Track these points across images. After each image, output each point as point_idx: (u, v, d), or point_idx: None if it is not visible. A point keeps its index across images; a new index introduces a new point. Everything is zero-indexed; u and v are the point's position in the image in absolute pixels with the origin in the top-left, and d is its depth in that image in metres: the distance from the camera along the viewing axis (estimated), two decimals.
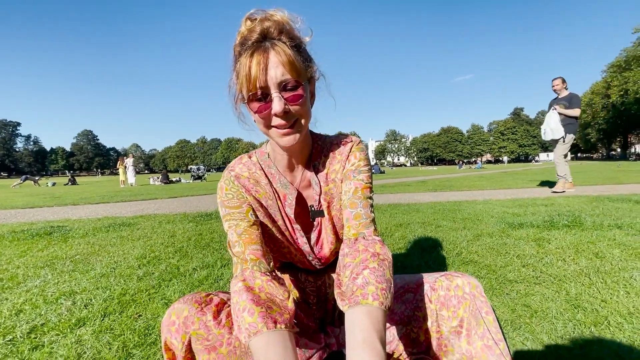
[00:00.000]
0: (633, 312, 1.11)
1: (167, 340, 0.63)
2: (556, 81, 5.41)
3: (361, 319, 0.53)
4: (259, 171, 0.77)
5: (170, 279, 1.63)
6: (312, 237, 0.80)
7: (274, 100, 0.61)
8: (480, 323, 0.71)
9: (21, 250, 2.34)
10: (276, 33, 0.61)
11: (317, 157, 0.78)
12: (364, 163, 0.77)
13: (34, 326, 1.18)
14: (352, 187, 0.74)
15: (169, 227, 3.12)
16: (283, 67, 0.60)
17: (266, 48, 0.60)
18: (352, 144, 0.78)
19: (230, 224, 0.72)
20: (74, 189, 12.71)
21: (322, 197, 0.77)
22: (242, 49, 0.62)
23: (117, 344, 1.03)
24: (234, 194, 0.74)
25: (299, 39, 0.66)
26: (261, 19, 0.62)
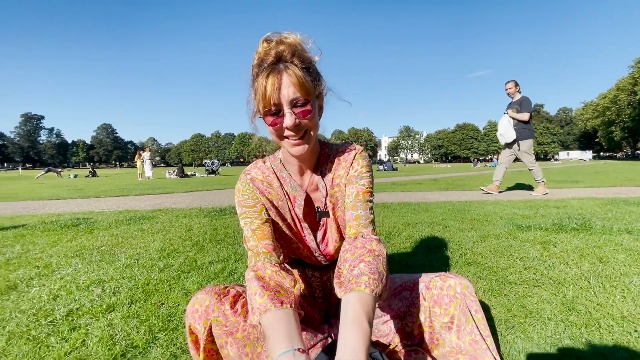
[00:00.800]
0: (626, 315, 1.15)
1: (191, 325, 0.73)
2: (509, 84, 5.35)
3: (353, 302, 0.62)
4: (272, 175, 0.87)
5: (189, 271, 1.75)
6: (318, 235, 0.90)
7: (286, 116, 0.70)
8: (469, 320, 0.79)
9: (52, 240, 2.53)
10: (289, 56, 0.70)
11: (324, 163, 0.87)
12: (366, 170, 0.85)
13: (70, 310, 1.32)
14: (354, 191, 0.83)
15: (185, 221, 3.27)
16: (294, 87, 0.69)
17: (280, 70, 0.69)
18: (355, 152, 0.87)
19: (245, 221, 0.82)
20: (94, 181, 13.21)
21: (328, 199, 0.87)
22: (259, 70, 0.71)
23: (143, 328, 1.16)
24: (249, 195, 0.84)
25: (309, 60, 0.75)
26: (277, 41, 0.71)
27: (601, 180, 7.97)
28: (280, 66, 0.69)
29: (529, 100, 5.13)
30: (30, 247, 2.33)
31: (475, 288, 1.43)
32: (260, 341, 0.74)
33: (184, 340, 1.07)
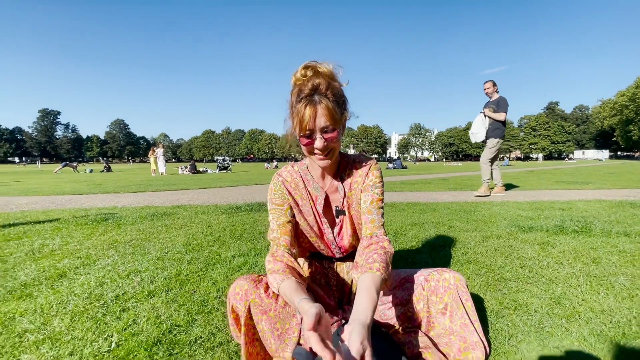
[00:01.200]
0: (606, 309, 1.30)
1: (233, 306, 0.92)
2: (487, 84, 5.37)
3: (367, 279, 0.82)
4: (298, 178, 1.07)
5: (214, 264, 1.95)
6: (335, 230, 1.08)
7: (317, 140, 0.89)
8: (460, 307, 0.96)
9: (86, 233, 2.77)
10: (324, 88, 0.87)
11: (343, 170, 1.07)
12: (379, 180, 1.05)
13: (117, 294, 1.53)
14: (369, 198, 1.03)
15: (204, 217, 3.49)
16: (325, 118, 0.87)
17: (315, 102, 0.86)
18: (371, 163, 1.07)
19: (273, 216, 1.03)
20: (110, 176, 13.67)
21: (345, 200, 1.06)
22: (298, 98, 0.88)
23: (183, 311, 1.35)
24: (279, 195, 1.04)
25: (338, 90, 0.92)
26: (314, 72, 0.88)
27: (613, 181, 7.92)
28: (316, 98, 0.86)
29: (505, 101, 5.17)
30: (69, 239, 2.57)
31: (472, 283, 1.59)
32: (288, 319, 0.92)
33: (219, 322, 1.26)
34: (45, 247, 2.34)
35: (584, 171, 13.93)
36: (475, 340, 0.93)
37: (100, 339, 1.15)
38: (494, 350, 1.05)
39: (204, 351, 1.08)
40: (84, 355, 1.06)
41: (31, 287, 1.63)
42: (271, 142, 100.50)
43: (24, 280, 1.70)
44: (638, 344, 1.07)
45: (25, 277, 1.75)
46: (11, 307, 1.40)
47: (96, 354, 1.06)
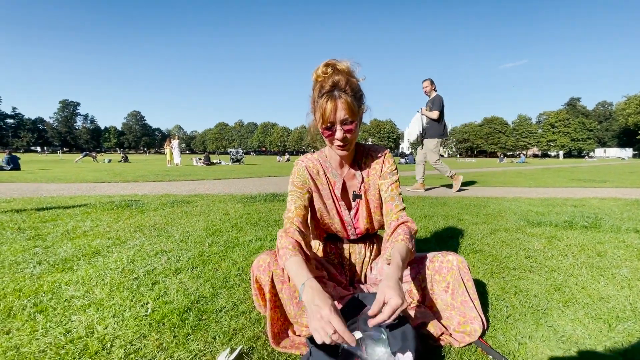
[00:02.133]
0: (604, 297, 1.37)
1: (257, 277, 1.04)
2: (425, 83, 5.36)
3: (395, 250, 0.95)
4: (319, 165, 1.19)
5: (233, 247, 2.09)
6: (351, 213, 1.18)
7: (337, 131, 1.00)
8: (461, 286, 1.06)
9: (113, 218, 2.96)
10: (343, 84, 0.97)
11: (360, 158, 1.19)
12: (394, 167, 1.18)
13: (148, 270, 1.68)
14: (390, 186, 1.15)
15: (221, 206, 3.65)
16: (345, 111, 0.97)
17: (335, 97, 0.96)
18: (385, 152, 1.20)
19: (292, 197, 1.14)
20: (128, 166, 14.12)
21: (362, 186, 1.17)
22: (320, 93, 0.99)
23: (208, 285, 1.49)
24: (301, 179, 1.16)
25: (356, 85, 1.02)
26: (334, 69, 0.98)
27: (632, 180, 7.73)
28: (336, 93, 0.96)
29: (440, 99, 5.18)
30: (98, 222, 2.77)
31: (477, 271, 1.67)
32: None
33: (241, 295, 1.40)
34: (78, 229, 2.53)
35: (603, 170, 13.56)
36: (474, 315, 1.03)
37: (138, 306, 1.30)
38: (492, 326, 1.14)
39: (229, 318, 1.21)
40: (125, 317, 1.20)
41: (71, 261, 1.80)
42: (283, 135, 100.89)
43: (64, 256, 1.88)
44: (629, 325, 1.14)
45: (65, 254, 1.93)
46: (57, 278, 1.57)
47: (135, 317, 1.21)
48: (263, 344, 1.04)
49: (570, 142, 73.99)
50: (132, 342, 1.05)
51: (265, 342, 1.05)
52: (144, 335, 1.09)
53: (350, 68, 1.00)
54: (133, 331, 1.11)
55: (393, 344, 0.85)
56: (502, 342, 1.05)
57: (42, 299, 1.35)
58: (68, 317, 1.20)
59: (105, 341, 1.05)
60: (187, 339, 1.07)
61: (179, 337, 1.08)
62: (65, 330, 1.11)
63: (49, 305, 1.29)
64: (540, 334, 1.09)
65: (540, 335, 1.08)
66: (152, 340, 1.06)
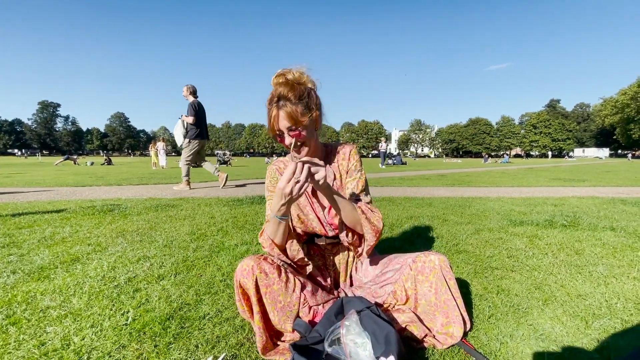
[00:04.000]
0: (581, 294, 1.41)
1: (240, 282, 1.02)
2: (184, 88, 5.69)
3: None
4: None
5: (219, 251, 2.06)
6: (325, 210, 1.19)
7: (285, 138, 1.05)
8: (444, 285, 1.07)
9: (94, 223, 2.88)
10: (288, 94, 1.03)
11: (329, 156, 1.23)
12: (359, 163, 1.23)
13: (129, 277, 1.64)
14: (354, 184, 1.18)
15: (207, 209, 3.60)
16: (287, 120, 1.02)
17: (279, 107, 1.03)
18: (350, 148, 1.24)
19: (269, 202, 1.17)
20: (112, 169, 13.75)
21: (335, 182, 1.20)
22: (270, 105, 1.05)
23: (191, 292, 1.46)
24: (274, 181, 1.20)
25: (303, 92, 1.06)
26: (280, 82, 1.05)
27: (609, 179, 8.03)
28: (280, 103, 1.03)
29: (190, 106, 5.53)
30: (78, 228, 2.68)
31: (461, 271, 1.70)
32: (289, 294, 1.03)
33: (225, 301, 1.38)
34: (57, 235, 2.44)
35: (582, 169, 14.04)
36: (457, 314, 1.05)
37: (118, 315, 1.26)
38: (475, 326, 1.16)
39: (212, 325, 1.19)
40: (104, 327, 1.17)
41: (48, 270, 1.73)
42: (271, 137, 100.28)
43: (40, 264, 1.81)
44: (605, 322, 1.18)
45: (41, 261, 1.86)
46: (32, 287, 1.51)
47: (115, 327, 1.17)
48: (247, 351, 1.03)
49: (551, 143, 76.32)
50: (111, 353, 1.01)
51: (249, 349, 1.04)
52: (123, 346, 1.06)
53: (298, 77, 1.06)
54: (112, 341, 1.08)
55: (376, 348, 0.85)
56: (484, 342, 1.07)
57: (16, 310, 1.29)
58: (43, 329, 1.16)
59: (82, 353, 1.01)
60: (168, 348, 1.05)
61: (160, 347, 1.05)
62: (39, 343, 1.07)
63: (22, 316, 1.24)
64: (520, 333, 1.11)
65: (520, 334, 1.11)
66: (132, 351, 1.03)
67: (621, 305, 1.31)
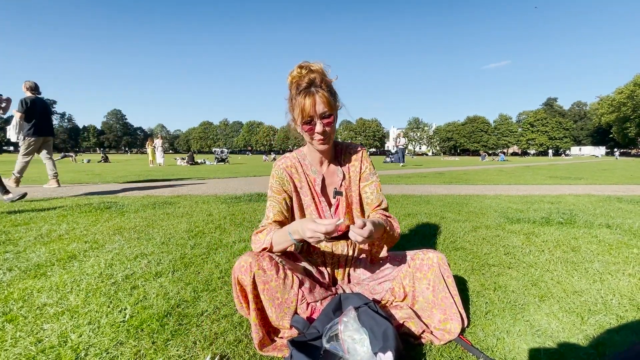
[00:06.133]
0: (577, 291, 1.42)
1: (238, 278, 1.02)
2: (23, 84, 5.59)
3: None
4: (297, 163, 1.20)
5: (216, 248, 2.06)
6: (332, 210, 1.19)
7: (317, 125, 1.03)
8: (442, 282, 1.07)
9: (91, 220, 2.86)
10: (319, 81, 1.02)
11: (339, 155, 1.22)
12: (372, 166, 1.23)
13: (127, 275, 1.63)
14: (373, 188, 1.19)
15: (205, 207, 3.59)
16: (323, 105, 1.01)
17: (313, 93, 1.00)
18: (362, 150, 1.23)
19: (270, 203, 1.16)
20: (108, 167, 13.68)
21: (343, 182, 1.18)
22: (297, 91, 1.02)
23: (189, 289, 1.46)
24: (280, 181, 1.17)
25: (330, 83, 1.06)
26: (308, 69, 1.02)
27: (605, 177, 8.08)
28: (313, 89, 1.00)
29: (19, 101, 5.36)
30: (75, 225, 2.67)
31: (458, 268, 1.71)
32: (287, 290, 1.03)
33: (223, 298, 1.37)
34: (53, 232, 2.43)
35: (579, 167, 14.12)
36: (454, 311, 1.05)
37: (115, 312, 1.26)
38: (472, 322, 1.17)
39: (210, 322, 1.19)
40: (102, 324, 1.16)
41: (44, 267, 1.73)
42: (269, 134, 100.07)
43: (36, 262, 1.80)
44: (600, 318, 1.19)
45: (38, 259, 1.85)
46: (28, 284, 1.50)
47: (112, 324, 1.17)
48: (245, 348, 1.03)
49: (548, 141, 76.59)
50: (108, 350, 1.01)
51: (247, 346, 1.04)
52: (121, 343, 1.05)
53: (323, 68, 1.04)
54: (109, 338, 1.07)
55: (374, 344, 0.85)
56: (481, 338, 1.07)
57: (12, 307, 1.29)
58: (40, 326, 1.15)
59: (79, 350, 1.01)
60: (166, 344, 1.05)
61: (158, 343, 1.05)
62: (36, 340, 1.06)
63: (19, 314, 1.23)
64: (517, 329, 1.12)
65: (517, 330, 1.11)
66: (130, 348, 1.03)
67: (616, 302, 1.32)
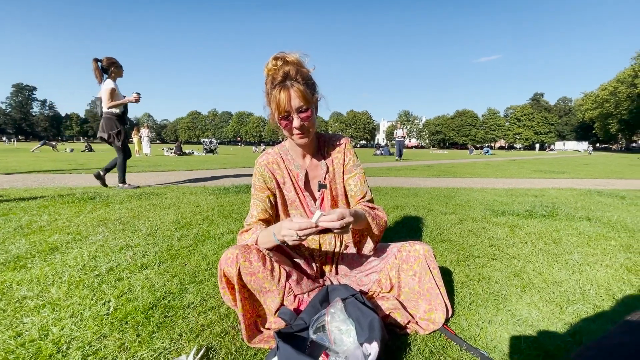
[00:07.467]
0: (557, 281, 1.47)
1: (224, 270, 1.01)
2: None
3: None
4: (279, 158, 1.18)
5: (204, 240, 2.04)
6: (317, 203, 1.18)
7: (294, 120, 1.00)
8: (427, 273, 1.09)
9: (74, 211, 2.79)
10: (294, 74, 0.98)
11: (322, 148, 1.19)
12: (356, 157, 1.21)
13: (111, 266, 1.60)
14: (357, 180, 1.17)
15: (192, 198, 3.54)
16: (299, 99, 0.97)
17: (288, 87, 0.97)
18: (345, 141, 1.21)
19: (254, 201, 1.15)
20: (93, 156, 13.31)
21: (327, 175, 1.16)
22: (272, 85, 0.99)
23: (175, 281, 1.45)
24: (262, 178, 1.15)
25: (307, 74, 1.02)
26: (283, 62, 0.99)
27: (586, 172, 8.33)
28: (288, 83, 0.97)
29: None
30: (57, 216, 2.59)
31: (444, 259, 1.74)
32: (274, 282, 1.02)
33: (210, 290, 1.36)
34: (34, 223, 2.36)
35: (562, 161, 14.49)
36: (439, 302, 1.07)
37: (99, 304, 1.23)
38: (456, 312, 1.19)
39: (196, 314, 1.18)
40: (84, 317, 1.14)
41: (24, 259, 1.68)
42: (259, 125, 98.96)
43: (16, 253, 1.75)
44: (578, 307, 1.23)
45: (17, 251, 1.79)
46: (7, 277, 1.46)
47: (96, 317, 1.15)
48: (232, 339, 1.03)
49: (534, 135, 78.21)
50: (91, 343, 0.99)
51: (234, 337, 1.04)
52: (104, 336, 1.04)
53: (299, 59, 1.01)
54: (92, 331, 1.05)
55: (360, 335, 0.86)
56: (464, 327, 1.10)
57: None
58: (19, 319, 1.12)
59: (60, 343, 0.99)
60: (151, 337, 1.03)
61: (143, 336, 1.04)
62: (15, 334, 1.03)
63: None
64: (499, 319, 1.15)
65: (499, 319, 1.15)
66: (113, 340, 1.01)
67: (594, 292, 1.37)
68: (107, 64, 4.15)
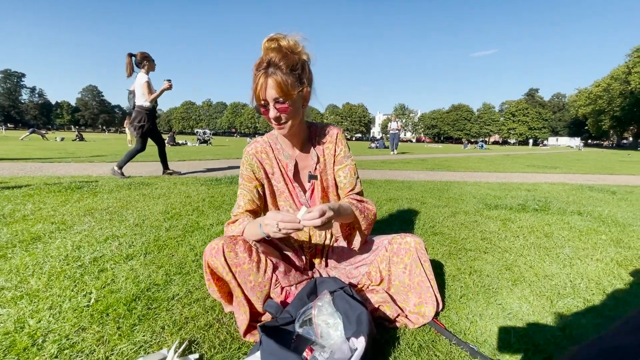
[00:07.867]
0: (548, 275, 1.46)
1: (209, 262, 0.97)
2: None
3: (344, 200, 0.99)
4: (268, 147, 1.14)
5: (193, 231, 1.99)
6: (307, 195, 1.14)
7: (270, 110, 0.95)
8: (418, 266, 1.06)
9: (60, 200, 2.72)
10: (277, 61, 0.92)
11: (313, 138, 1.15)
12: (348, 149, 1.16)
13: (95, 257, 1.55)
14: (347, 172, 1.14)
15: (183, 188, 3.48)
16: (275, 90, 0.92)
17: (268, 74, 0.91)
18: (337, 131, 1.16)
19: (241, 192, 1.11)
20: (84, 145, 13.06)
21: (318, 166, 1.12)
22: (257, 70, 0.94)
23: (161, 272, 1.41)
24: (250, 168, 1.11)
25: (295, 63, 0.95)
26: (272, 48, 0.94)
27: (578, 167, 8.41)
28: (270, 70, 0.91)
29: None
30: (42, 205, 2.52)
31: (435, 252, 1.72)
32: (260, 274, 0.99)
33: (197, 282, 1.33)
34: (17, 212, 2.29)
35: (555, 157, 14.63)
36: (430, 295, 1.05)
37: (79, 296, 1.19)
38: (447, 306, 1.18)
39: (181, 306, 1.14)
40: (63, 309, 1.10)
41: (4, 249, 1.62)
42: (254, 116, 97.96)
43: None
44: (569, 301, 1.23)
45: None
46: None
47: (75, 309, 1.11)
48: (215, 332, 1.00)
49: (528, 131, 78.74)
50: (69, 336, 0.95)
51: (218, 330, 1.01)
52: (83, 328, 1.00)
53: (293, 45, 0.95)
54: (71, 324, 1.01)
55: (348, 329, 0.84)
56: (454, 321, 1.08)
57: None
58: None
59: (36, 336, 0.95)
60: (132, 330, 1.00)
61: (124, 329, 1.00)
62: None
63: None
64: (490, 312, 1.14)
65: (490, 313, 1.13)
66: (92, 333, 0.97)
67: (584, 285, 1.37)
68: (140, 58, 4.24)
